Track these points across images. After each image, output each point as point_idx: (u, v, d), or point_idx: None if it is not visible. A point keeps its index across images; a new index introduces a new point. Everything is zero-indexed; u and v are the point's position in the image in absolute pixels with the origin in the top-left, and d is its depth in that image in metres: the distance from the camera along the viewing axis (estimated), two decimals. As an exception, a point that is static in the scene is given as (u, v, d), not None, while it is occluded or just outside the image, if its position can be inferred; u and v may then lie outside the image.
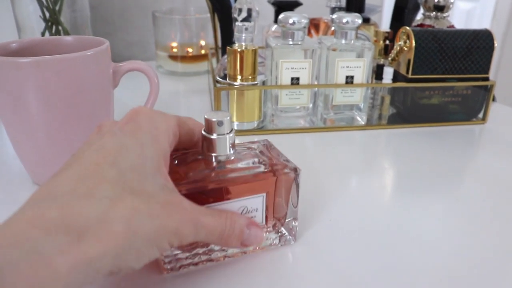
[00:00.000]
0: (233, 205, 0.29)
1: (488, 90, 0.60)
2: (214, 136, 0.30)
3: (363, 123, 0.59)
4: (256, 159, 0.32)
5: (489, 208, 0.40)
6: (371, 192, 0.43)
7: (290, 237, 0.33)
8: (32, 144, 0.38)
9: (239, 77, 0.53)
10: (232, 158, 0.31)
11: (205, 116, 0.30)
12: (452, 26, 0.67)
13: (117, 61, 0.42)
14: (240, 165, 0.31)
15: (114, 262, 0.22)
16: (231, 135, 0.30)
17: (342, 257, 0.32)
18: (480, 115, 0.62)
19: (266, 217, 0.31)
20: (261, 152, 0.33)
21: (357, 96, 0.57)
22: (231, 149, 0.31)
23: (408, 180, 0.45)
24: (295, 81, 0.54)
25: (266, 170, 0.31)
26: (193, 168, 0.30)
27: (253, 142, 0.35)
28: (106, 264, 0.21)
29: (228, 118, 0.30)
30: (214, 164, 0.30)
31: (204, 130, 0.30)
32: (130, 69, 0.42)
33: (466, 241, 0.35)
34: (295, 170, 0.31)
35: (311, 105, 0.57)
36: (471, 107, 0.61)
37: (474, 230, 0.37)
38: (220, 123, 0.29)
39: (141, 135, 0.26)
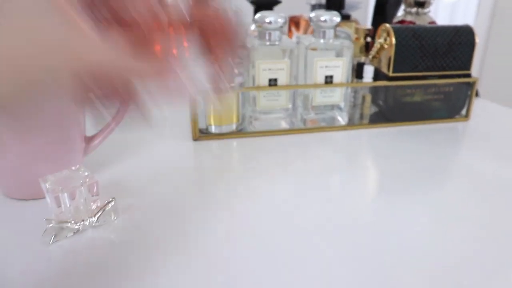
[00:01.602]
0: None
1: (470, 86, 0.59)
2: None
3: (344, 123, 0.57)
4: None
5: (473, 205, 0.40)
6: (354, 193, 0.41)
7: None
8: (1, 155, 0.37)
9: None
10: None
11: None
12: (433, 22, 0.66)
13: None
14: None
15: None
16: None
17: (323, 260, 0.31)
18: (463, 112, 0.61)
19: None
20: None
21: (337, 96, 0.56)
22: None
23: (390, 180, 0.44)
24: (273, 82, 0.53)
25: None
26: None
27: None
28: None
29: None
30: None
31: None
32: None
33: (449, 239, 0.34)
34: None
35: (290, 106, 0.55)
36: (453, 104, 0.60)
37: (457, 228, 0.36)
38: None
39: None
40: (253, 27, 0.70)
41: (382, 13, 0.72)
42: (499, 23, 1.96)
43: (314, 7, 0.73)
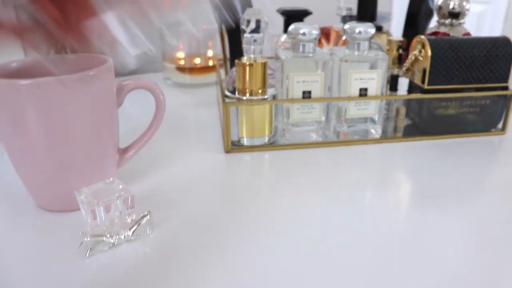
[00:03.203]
0: None
1: (508, 99, 0.58)
2: None
3: (378, 136, 0.56)
4: None
5: (507, 222, 0.38)
6: (386, 208, 0.41)
7: None
8: (35, 167, 0.37)
9: (248, 91, 0.51)
10: None
11: None
12: (468, 34, 0.65)
13: (123, 73, 0.41)
14: None
15: None
16: None
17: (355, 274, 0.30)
18: (500, 126, 0.59)
19: None
20: None
21: (371, 108, 0.55)
22: None
23: (424, 195, 0.43)
24: (306, 95, 0.52)
25: None
26: None
27: None
28: None
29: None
30: None
31: None
32: (135, 87, 0.41)
33: (482, 257, 0.33)
34: None
35: (323, 118, 0.55)
36: (489, 118, 0.59)
37: (490, 246, 0.35)
38: None
39: None
40: (283, 38, 0.69)
41: (413, 25, 0.71)
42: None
43: (344, 18, 0.73)
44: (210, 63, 0.82)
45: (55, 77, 0.33)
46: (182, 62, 0.81)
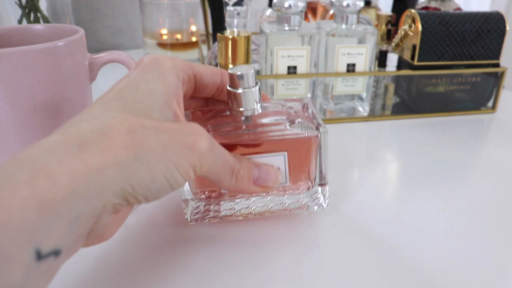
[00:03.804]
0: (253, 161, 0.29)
1: (499, 77, 0.56)
2: (239, 91, 0.29)
3: (365, 114, 0.54)
4: (284, 117, 0.31)
5: (498, 201, 0.37)
6: (374, 186, 0.39)
7: (322, 201, 0.33)
8: (1, 142, 0.34)
9: (231, 66, 0.49)
10: (259, 112, 0.30)
11: (229, 71, 0.29)
12: (459, 9, 0.63)
13: (104, 49, 0.38)
14: (265, 120, 0.30)
15: (123, 176, 0.20)
16: (256, 88, 0.29)
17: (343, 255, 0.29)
18: (490, 104, 0.58)
19: (295, 177, 0.31)
20: (294, 111, 0.32)
21: (359, 85, 0.53)
22: (257, 103, 0.29)
23: (413, 173, 0.42)
24: (292, 70, 0.50)
25: (292, 128, 0.30)
26: (220, 122, 0.30)
27: (293, 100, 0.34)
28: (113, 177, 0.20)
29: (253, 71, 0.29)
30: (241, 118, 0.30)
31: (229, 85, 0.29)
32: (109, 60, 0.38)
33: (475, 234, 0.32)
34: (317, 127, 0.30)
35: (309, 95, 0.52)
36: (480, 95, 0.57)
37: (482, 224, 0.34)
38: (240, 77, 0.28)
39: (146, 73, 0.25)
40: (269, 12, 0.67)
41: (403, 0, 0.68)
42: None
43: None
44: (193, 39, 0.79)
45: (19, 48, 0.30)
46: (163, 38, 0.78)
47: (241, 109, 0.29)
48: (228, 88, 0.29)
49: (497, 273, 0.29)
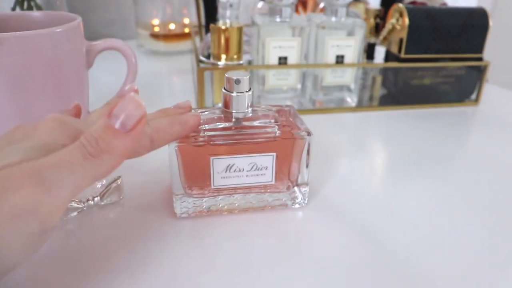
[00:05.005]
0: (243, 160, 0.31)
1: (482, 70, 0.58)
2: (233, 94, 0.31)
3: (353, 104, 0.56)
4: (272, 120, 0.33)
5: (480, 190, 0.39)
6: (362, 175, 0.41)
7: (301, 199, 0.35)
8: (1, 125, 0.35)
9: (223, 56, 0.50)
10: (250, 115, 0.32)
11: (226, 75, 0.31)
12: (445, 4, 0.65)
13: (97, 40, 0.39)
14: (256, 123, 0.32)
15: None
16: (249, 93, 0.31)
17: (333, 246, 0.30)
18: (473, 97, 0.60)
19: (277, 177, 0.33)
20: (281, 114, 0.35)
21: (347, 76, 0.54)
22: (248, 106, 0.32)
23: (399, 163, 0.43)
24: (282, 61, 0.51)
25: (279, 131, 0.32)
26: (211, 122, 0.32)
27: (277, 106, 0.36)
28: None
29: (247, 77, 0.31)
30: (232, 119, 0.32)
31: (225, 88, 0.32)
32: (105, 47, 0.39)
33: (457, 224, 0.34)
34: (308, 133, 0.32)
35: (299, 86, 0.54)
36: (464, 88, 0.59)
37: (463, 212, 0.35)
38: (237, 82, 0.31)
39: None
40: (260, 4, 0.68)
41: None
42: (503, 6, 1.94)
43: (322, -14, 0.71)
44: (186, 30, 0.80)
45: (18, 33, 0.32)
46: (156, 29, 0.79)
47: (233, 111, 0.32)
48: (223, 90, 0.32)
49: (480, 260, 0.30)
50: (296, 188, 0.34)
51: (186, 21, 0.80)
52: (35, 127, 0.25)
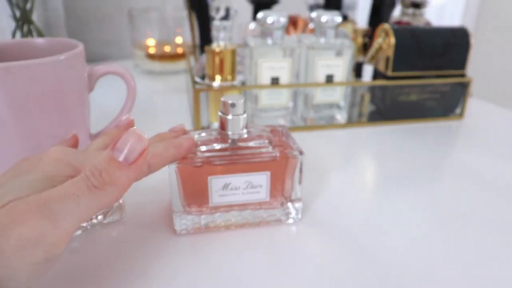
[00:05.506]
0: (238, 179, 0.33)
1: (465, 86, 0.61)
2: (229, 117, 0.33)
3: (343, 121, 0.58)
4: (266, 141, 0.35)
5: (466, 202, 0.41)
6: (353, 190, 0.43)
7: (295, 215, 0.36)
8: (5, 152, 0.37)
9: (218, 77, 0.52)
10: (245, 136, 0.34)
11: (221, 99, 0.33)
12: (429, 23, 0.67)
13: (93, 60, 0.41)
14: (251, 143, 0.34)
15: None
16: (244, 116, 0.34)
17: (326, 259, 0.32)
18: (458, 111, 0.62)
19: (271, 194, 0.35)
20: (274, 134, 0.37)
21: (337, 94, 0.57)
22: (243, 128, 0.34)
23: (388, 177, 0.45)
24: (274, 81, 0.54)
25: (273, 151, 0.34)
26: (209, 143, 0.34)
27: (271, 126, 0.39)
28: None
29: (242, 101, 0.33)
30: (228, 141, 0.34)
31: (221, 111, 0.34)
32: (106, 72, 0.41)
33: (444, 235, 0.36)
34: (300, 153, 0.34)
35: (291, 105, 0.56)
36: (449, 103, 0.61)
37: (451, 225, 0.37)
38: (233, 105, 0.33)
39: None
40: (252, 26, 0.70)
41: (378, 14, 0.73)
42: (485, 25, 1.99)
43: (312, 7, 0.74)
44: (179, 51, 0.82)
45: (23, 62, 0.33)
46: (151, 50, 0.81)
47: (229, 132, 0.34)
48: (219, 113, 0.34)
49: (465, 268, 0.32)
50: (289, 204, 0.36)
51: (179, 40, 0.82)
52: (40, 158, 0.27)
